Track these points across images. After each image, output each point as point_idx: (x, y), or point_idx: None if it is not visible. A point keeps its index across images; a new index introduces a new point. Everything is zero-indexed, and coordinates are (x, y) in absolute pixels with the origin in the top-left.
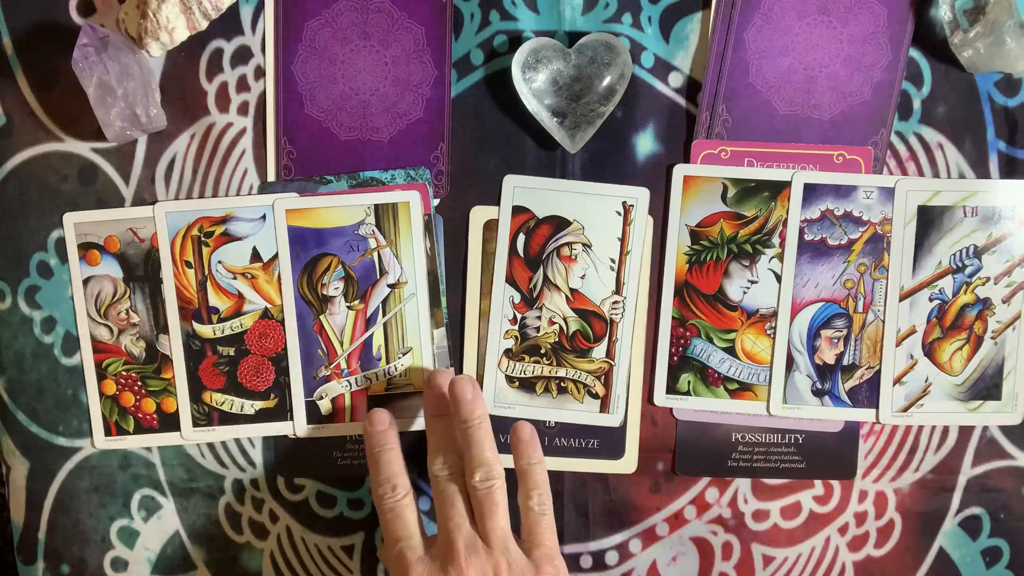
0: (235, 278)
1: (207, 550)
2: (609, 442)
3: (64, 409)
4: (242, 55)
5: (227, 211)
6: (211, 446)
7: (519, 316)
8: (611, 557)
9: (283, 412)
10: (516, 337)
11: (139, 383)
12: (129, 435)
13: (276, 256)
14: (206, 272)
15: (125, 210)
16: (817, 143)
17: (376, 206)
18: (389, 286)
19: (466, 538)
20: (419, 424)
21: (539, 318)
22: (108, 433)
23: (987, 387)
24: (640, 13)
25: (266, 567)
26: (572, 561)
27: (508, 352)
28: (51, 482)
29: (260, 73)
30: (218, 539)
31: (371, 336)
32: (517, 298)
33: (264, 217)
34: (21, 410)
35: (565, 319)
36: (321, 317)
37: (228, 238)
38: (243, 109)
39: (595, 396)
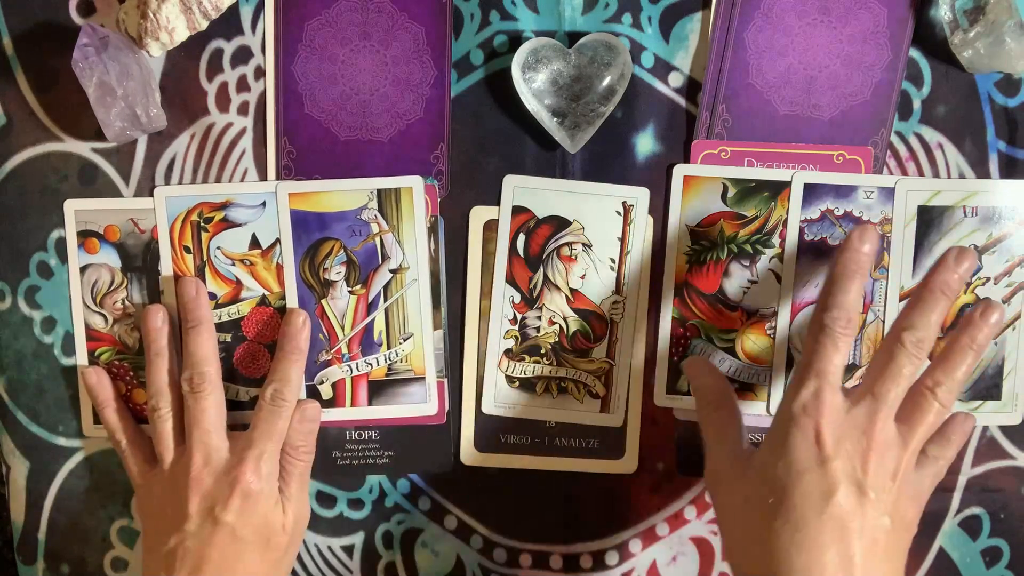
0: (233, 264)
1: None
2: (609, 442)
3: (64, 409)
4: (242, 55)
5: (227, 197)
6: None
7: (519, 316)
8: (611, 557)
9: None
10: (516, 337)
11: (130, 373)
12: None
13: (275, 243)
14: (204, 258)
15: (126, 200)
16: (817, 143)
17: (379, 191)
18: (391, 271)
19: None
20: (419, 411)
21: (539, 318)
22: (97, 421)
23: (987, 387)
24: (640, 13)
25: None
26: (572, 561)
27: (508, 352)
28: (51, 482)
29: (260, 73)
30: None
31: (372, 321)
32: (517, 298)
33: (264, 204)
34: (21, 410)
35: (565, 319)
36: (323, 301)
37: (227, 224)
38: (243, 109)
39: (595, 396)
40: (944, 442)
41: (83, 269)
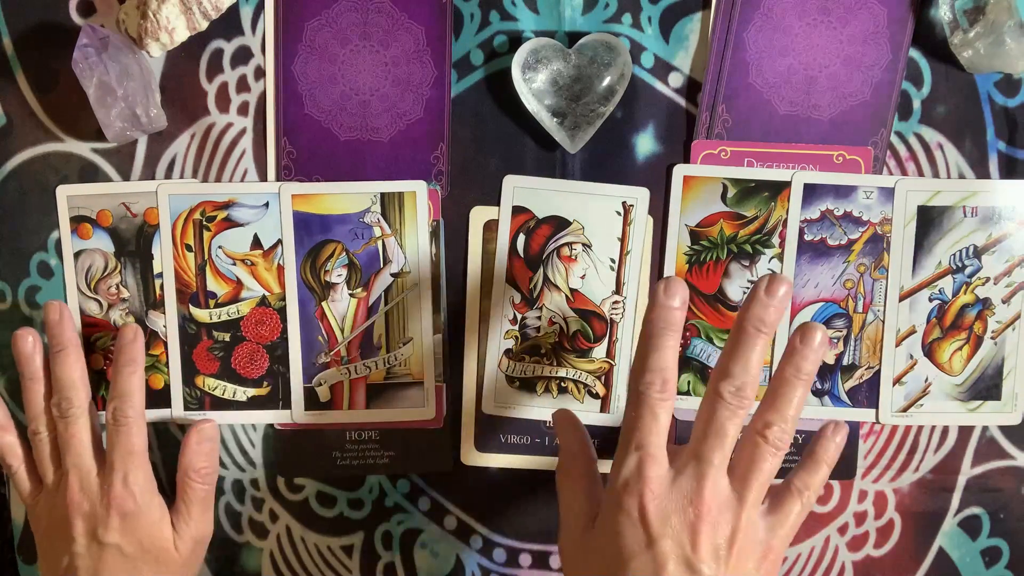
0: (235, 264)
1: (207, 549)
2: (609, 442)
3: None
4: (242, 55)
5: (230, 196)
6: None
7: (519, 316)
8: None
9: (275, 400)
10: (516, 337)
11: None
12: None
13: (277, 244)
14: (206, 256)
15: (118, 184)
16: (817, 143)
17: (382, 195)
18: (392, 275)
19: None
20: (416, 415)
21: (539, 318)
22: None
23: (987, 387)
24: (640, 13)
25: (266, 566)
26: None
27: (508, 352)
28: None
29: (260, 73)
30: (218, 539)
31: (372, 324)
32: (517, 298)
33: (267, 205)
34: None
35: (565, 319)
36: (323, 303)
37: (230, 224)
38: (243, 109)
39: (595, 396)
40: (812, 467)
41: (76, 255)
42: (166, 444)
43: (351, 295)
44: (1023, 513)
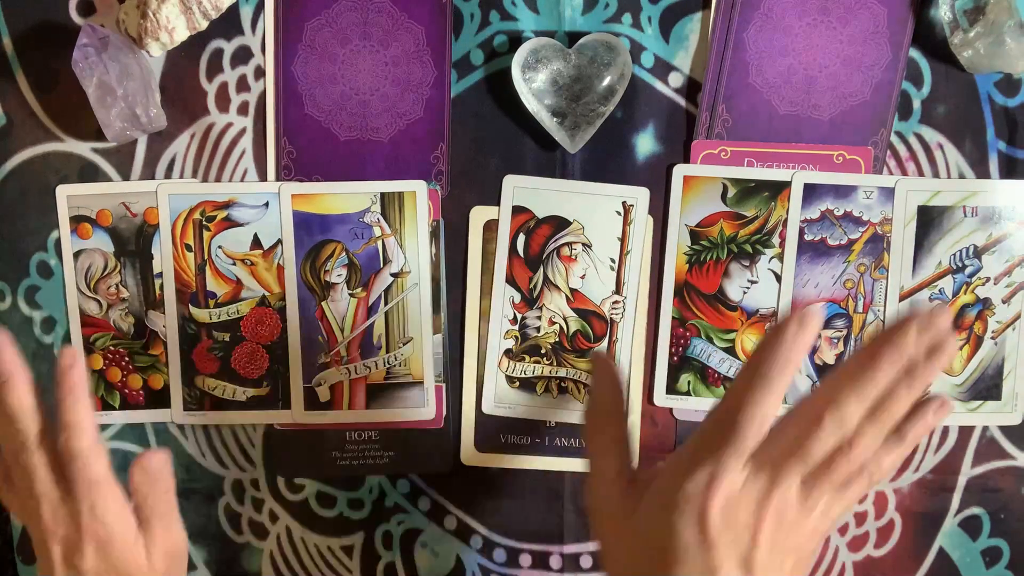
0: (234, 264)
1: (207, 550)
2: None
3: None
4: (242, 55)
5: (230, 196)
6: (211, 446)
7: (519, 316)
8: None
9: (275, 400)
10: (516, 337)
11: (127, 358)
12: (115, 410)
13: (277, 244)
14: (206, 256)
15: (118, 184)
16: (817, 143)
17: (382, 195)
18: (392, 275)
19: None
20: (416, 415)
21: (539, 318)
22: (93, 408)
23: (987, 387)
24: (640, 13)
25: (266, 567)
26: (572, 561)
27: (508, 352)
28: None
29: (260, 73)
30: (218, 539)
31: (372, 324)
32: (517, 298)
33: (267, 204)
34: None
35: (565, 319)
36: (323, 303)
37: (230, 223)
38: (243, 109)
39: None
40: (894, 446)
41: (76, 255)
42: (165, 444)
43: (351, 295)
44: (1023, 513)
